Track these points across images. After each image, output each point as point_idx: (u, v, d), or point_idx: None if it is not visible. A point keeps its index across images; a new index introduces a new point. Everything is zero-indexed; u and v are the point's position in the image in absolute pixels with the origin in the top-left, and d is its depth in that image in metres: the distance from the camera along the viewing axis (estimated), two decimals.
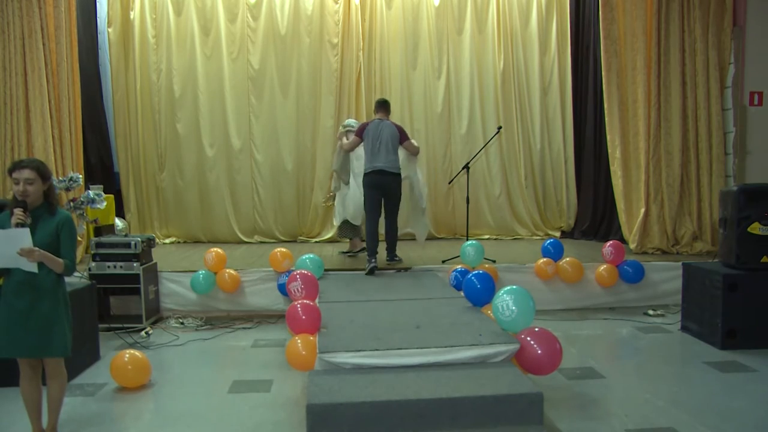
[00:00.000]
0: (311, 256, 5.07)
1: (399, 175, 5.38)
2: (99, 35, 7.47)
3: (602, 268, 5.37)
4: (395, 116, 7.65)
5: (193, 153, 7.53)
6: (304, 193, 7.67)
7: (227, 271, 5.17)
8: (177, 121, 7.51)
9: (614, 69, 6.31)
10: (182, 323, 5.01)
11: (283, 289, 5.01)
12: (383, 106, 5.61)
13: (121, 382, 3.57)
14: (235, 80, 7.51)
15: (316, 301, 4.00)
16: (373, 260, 5.28)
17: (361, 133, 5.49)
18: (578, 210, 7.82)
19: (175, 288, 5.24)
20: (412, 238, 6.60)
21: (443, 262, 5.59)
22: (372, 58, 7.65)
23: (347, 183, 6.00)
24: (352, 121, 6.24)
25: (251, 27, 7.51)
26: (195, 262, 5.72)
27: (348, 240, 6.41)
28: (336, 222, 6.35)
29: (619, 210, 6.44)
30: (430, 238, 7.63)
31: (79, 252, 5.83)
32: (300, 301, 3.50)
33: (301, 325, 3.33)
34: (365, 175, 5.39)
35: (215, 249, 5.27)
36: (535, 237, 7.66)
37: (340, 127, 6.32)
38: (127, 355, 3.59)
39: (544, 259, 5.39)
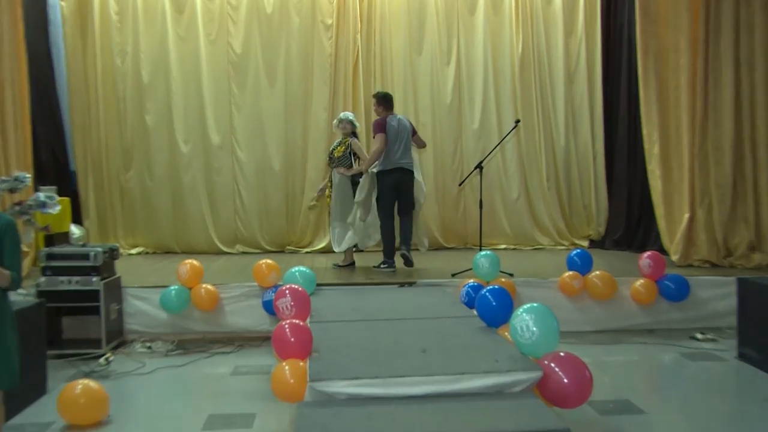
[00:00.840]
0: (302, 268, 5.01)
1: (413, 172, 5.85)
2: (50, 9, 7.40)
3: (639, 283, 5.30)
4: (398, 108, 7.66)
5: (165, 149, 7.51)
6: (294, 197, 7.66)
7: (204, 286, 5.13)
8: (146, 112, 7.50)
9: (652, 51, 6.23)
10: (150, 348, 4.93)
11: (269, 307, 4.93)
12: (392, 102, 6.04)
13: (72, 419, 3.44)
14: (213, 66, 7.51)
15: (307, 320, 3.95)
16: (394, 264, 5.82)
17: (384, 129, 5.76)
18: (609, 215, 7.80)
19: (142, 306, 5.17)
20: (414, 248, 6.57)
21: (453, 275, 5.58)
22: (371, 42, 7.68)
23: (365, 220, 5.93)
24: (348, 115, 6.24)
25: (232, 5, 7.51)
26: (166, 276, 5.68)
27: (343, 251, 6.36)
28: (336, 248, 6.20)
29: (657, 215, 6.37)
30: (438, 248, 7.64)
31: (26, 265, 5.76)
32: (288, 321, 3.44)
33: (289, 348, 3.28)
34: (384, 173, 5.78)
35: (190, 261, 5.23)
36: (559, 247, 7.67)
37: (335, 122, 6.30)
38: (80, 387, 3.46)
39: (570, 273, 5.34)
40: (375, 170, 5.89)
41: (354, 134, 6.20)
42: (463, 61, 7.76)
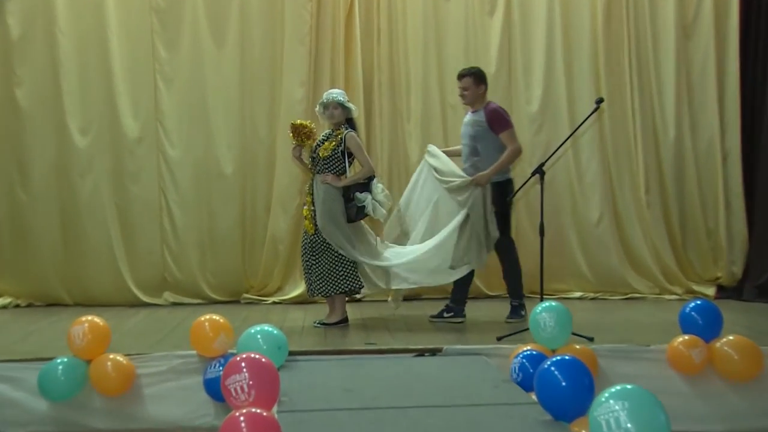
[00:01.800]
0: (266, 328, 4.96)
1: None
2: None
3: None
4: (416, 81, 7.74)
5: (50, 143, 7.55)
6: (255, 217, 7.79)
7: (111, 357, 5.04)
8: (16, 84, 7.52)
9: None
10: None
11: (214, 389, 4.82)
12: None
13: None
14: (126, 14, 7.57)
15: (274, 409, 3.93)
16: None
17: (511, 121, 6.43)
18: (750, 248, 7.82)
19: (8, 393, 5.03)
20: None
21: (499, 339, 5.61)
22: None
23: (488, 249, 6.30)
24: (336, 94, 6.20)
25: None
26: (50, 343, 5.66)
27: (326, 299, 6.38)
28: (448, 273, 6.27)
29: None
30: (476, 296, 7.61)
31: None
32: (245, 410, 3.43)
33: None
34: (504, 184, 6.37)
35: (89, 318, 5.11)
36: (667, 296, 7.69)
37: (318, 107, 6.27)
38: None
39: (686, 337, 5.24)
40: (453, 181, 6.18)
41: (350, 124, 6.23)
42: (516, 8, 7.84)
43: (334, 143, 6.11)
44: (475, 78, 6.31)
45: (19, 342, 5.88)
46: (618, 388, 3.27)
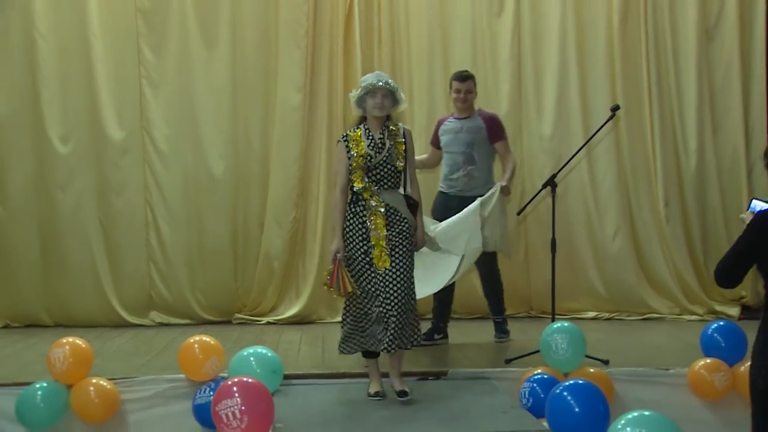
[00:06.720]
0: (260, 350, 5.06)
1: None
2: None
3: None
4: (420, 89, 7.88)
5: (28, 154, 7.59)
6: (247, 232, 7.84)
7: (94, 381, 5.07)
8: None
9: None
10: None
11: (204, 415, 4.83)
12: None
13: None
14: (111, 16, 7.60)
15: None
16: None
17: None
18: None
19: None
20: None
21: (507, 362, 5.66)
22: None
23: None
24: (385, 76, 5.01)
25: None
26: (27, 367, 5.68)
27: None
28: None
29: None
30: (484, 316, 7.47)
31: None
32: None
33: None
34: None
35: (70, 339, 5.15)
36: (687, 317, 7.67)
37: (358, 91, 5.00)
38: None
39: (709, 361, 5.28)
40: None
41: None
42: (526, 9, 7.86)
43: (402, 145, 5.04)
44: (474, 82, 6.41)
45: None
46: (635, 414, 3.32)
